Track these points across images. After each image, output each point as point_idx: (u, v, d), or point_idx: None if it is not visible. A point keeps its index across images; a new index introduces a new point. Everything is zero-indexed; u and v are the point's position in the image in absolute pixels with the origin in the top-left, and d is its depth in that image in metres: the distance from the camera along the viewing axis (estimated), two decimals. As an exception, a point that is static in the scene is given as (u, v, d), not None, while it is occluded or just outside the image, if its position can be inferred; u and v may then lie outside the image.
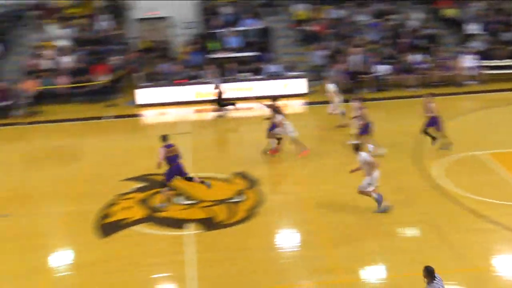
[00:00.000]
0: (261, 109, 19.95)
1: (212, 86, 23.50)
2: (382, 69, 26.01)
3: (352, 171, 14.47)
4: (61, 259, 13.53)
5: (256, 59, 26.70)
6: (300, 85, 25.53)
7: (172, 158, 15.07)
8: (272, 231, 14.11)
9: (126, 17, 29.70)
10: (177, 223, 14.48)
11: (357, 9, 29.49)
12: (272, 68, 25.93)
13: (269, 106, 18.97)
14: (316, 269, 12.01)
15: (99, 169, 17.80)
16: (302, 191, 16.12)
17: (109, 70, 25.60)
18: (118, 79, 25.86)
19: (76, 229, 14.66)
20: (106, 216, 15.02)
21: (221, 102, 23.56)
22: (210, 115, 23.54)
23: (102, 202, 15.63)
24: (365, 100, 19.38)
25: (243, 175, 17.00)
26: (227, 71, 25.63)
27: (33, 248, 13.75)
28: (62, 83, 25.01)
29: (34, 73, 25.29)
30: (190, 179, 15.53)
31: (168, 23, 29.88)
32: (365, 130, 18.02)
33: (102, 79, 25.18)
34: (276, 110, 18.69)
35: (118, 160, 18.35)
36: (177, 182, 16.53)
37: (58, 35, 27.41)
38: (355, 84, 25.15)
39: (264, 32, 28.03)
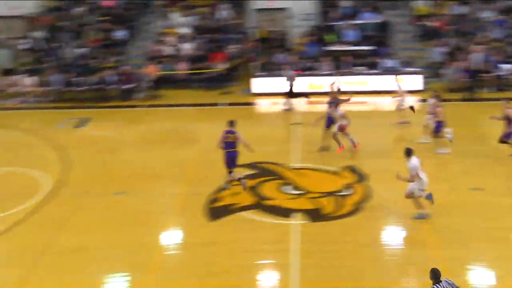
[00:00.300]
0: (374, 104, 19.62)
1: (288, 78, 23.27)
2: (505, 68, 24.80)
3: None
4: (171, 237, 13.99)
5: (373, 53, 26.25)
6: (416, 81, 24.84)
7: (227, 145, 15.22)
8: (378, 226, 13.85)
9: (245, 7, 30.07)
10: (284, 212, 14.53)
11: (482, 6, 28.22)
12: (389, 63, 25.39)
13: (331, 97, 18.63)
14: (422, 269, 11.68)
15: (212, 154, 18.11)
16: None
17: (226, 58, 26.04)
18: (235, 67, 26.26)
19: (186, 210, 15.08)
20: (215, 200, 15.33)
21: (291, 95, 23.37)
22: (321, 106, 23.43)
23: (213, 186, 15.95)
24: (443, 99, 18.62)
25: (352, 169, 16.80)
26: (343, 64, 25.37)
27: (145, 225, 14.30)
28: (182, 69, 25.73)
29: (156, 58, 26.17)
30: (230, 172, 15.48)
31: (286, 14, 29.97)
32: (439, 128, 17.55)
33: (219, 66, 25.67)
34: (336, 102, 18.28)
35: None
36: (286, 172, 16.64)
37: (181, 22, 28.19)
38: (474, 83, 24.15)
39: (383, 26, 27.49)
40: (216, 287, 11.79)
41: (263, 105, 21.99)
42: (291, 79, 23.23)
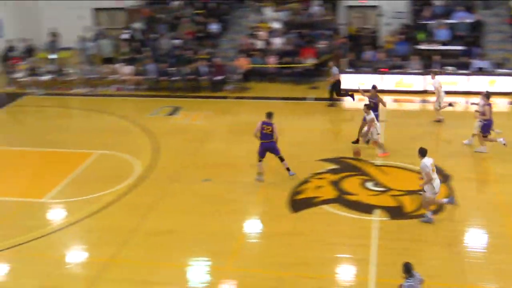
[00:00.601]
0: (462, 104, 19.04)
1: (335, 74, 22.91)
2: None
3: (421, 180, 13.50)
4: (252, 226, 14.16)
5: (464, 53, 25.41)
6: (509, 83, 23.86)
7: (263, 135, 15.57)
8: (459, 228, 13.48)
9: (337, 3, 29.83)
10: (365, 208, 14.40)
11: None
12: (480, 63, 24.51)
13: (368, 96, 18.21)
14: (502, 274, 11.29)
15: (297, 148, 18.18)
16: (498, 191, 15.16)
17: (315, 54, 25.95)
18: (323, 63, 26.11)
19: (269, 201, 15.21)
20: (298, 192, 15.37)
21: (338, 92, 23.05)
22: (409, 105, 22.98)
23: (296, 178, 15.98)
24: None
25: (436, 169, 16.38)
26: (432, 63, 24.71)
27: (229, 213, 14.53)
28: (271, 63, 25.86)
29: (247, 51, 26.42)
30: (260, 160, 15.96)
31: (377, 12, 29.52)
32: (486, 128, 17.13)
33: (308, 62, 25.61)
34: (374, 103, 17.97)
35: (315, 140, 18.62)
36: (369, 168, 16.47)
37: (273, 17, 28.31)
38: None
39: (475, 26, 26.54)
40: (295, 278, 11.83)
41: (349, 101, 21.71)
42: (336, 75, 22.96)
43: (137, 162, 17.85)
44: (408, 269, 9.35)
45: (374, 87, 18.70)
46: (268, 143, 15.77)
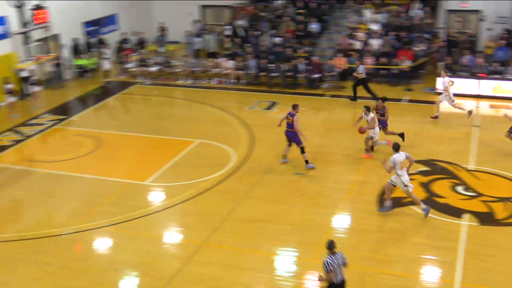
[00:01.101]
0: None
1: (360, 73, 22.70)
2: None
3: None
4: (340, 220, 14.09)
5: None
6: None
7: (287, 125, 16.42)
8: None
9: (438, 7, 28.93)
10: (454, 211, 13.98)
11: None
12: None
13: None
14: None
15: (389, 147, 17.85)
16: None
17: (412, 56, 25.31)
18: (420, 65, 25.42)
19: (358, 197, 15.07)
20: (387, 191, 15.11)
21: (369, 91, 22.85)
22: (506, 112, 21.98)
23: (387, 177, 15.71)
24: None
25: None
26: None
27: (318, 206, 14.52)
28: (368, 63, 25.48)
29: (344, 51, 26.16)
30: (288, 146, 16.81)
31: (478, 16, 28.40)
32: None
33: (404, 64, 25.02)
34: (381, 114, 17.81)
35: (408, 141, 18.18)
36: (461, 172, 15.98)
37: (372, 19, 27.86)
38: None
39: None
40: (379, 275, 11.69)
41: (445, 105, 21.07)
42: (360, 74, 22.71)
43: (233, 152, 18.14)
44: (330, 246, 9.59)
45: (383, 99, 18.26)
46: (288, 132, 16.51)
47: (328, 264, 9.48)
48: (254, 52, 26.59)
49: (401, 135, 18.16)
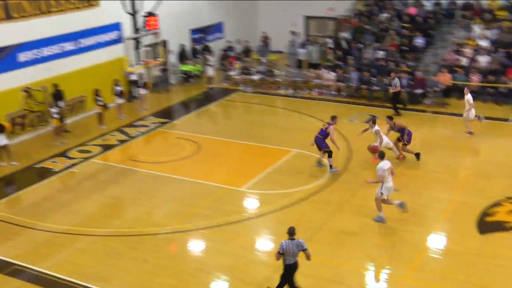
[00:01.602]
0: None
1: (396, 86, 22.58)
2: None
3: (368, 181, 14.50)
4: (436, 240, 13.63)
5: None
6: None
7: (319, 131, 17.38)
8: None
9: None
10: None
11: None
12: None
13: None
14: None
15: (493, 167, 17.15)
16: None
17: (523, 75, 24.12)
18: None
19: (456, 218, 14.53)
20: (489, 214, 14.49)
21: (395, 103, 22.75)
22: None
23: (488, 199, 15.07)
24: None
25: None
26: None
27: (413, 224, 14.14)
28: (474, 80, 24.55)
29: (450, 67, 25.35)
30: (322, 152, 17.56)
31: None
32: None
33: (514, 82, 23.90)
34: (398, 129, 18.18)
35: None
36: None
37: (481, 35, 26.83)
38: None
39: None
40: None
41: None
42: (396, 87, 22.59)
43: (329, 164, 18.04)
44: (291, 232, 10.66)
45: (389, 117, 18.49)
46: (317, 137, 17.30)
47: (281, 246, 10.67)
48: (356, 65, 26.33)
49: (417, 155, 18.06)
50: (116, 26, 24.90)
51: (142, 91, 24.79)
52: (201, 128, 22.37)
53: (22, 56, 21.14)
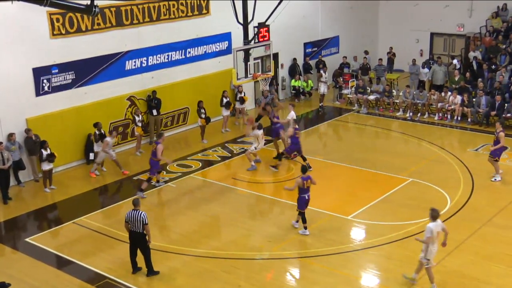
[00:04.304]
0: None
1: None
2: None
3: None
4: None
5: None
6: None
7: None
8: None
9: None
10: None
11: None
12: None
13: None
14: None
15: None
16: None
17: None
18: None
19: None
20: None
21: None
22: None
23: None
24: None
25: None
26: None
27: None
28: None
29: None
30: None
31: None
32: None
33: None
34: None
35: None
36: None
37: None
38: None
39: None
40: None
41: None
42: None
43: (448, 197, 17.43)
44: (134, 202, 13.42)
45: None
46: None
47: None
48: (486, 88, 25.37)
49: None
50: (226, 36, 25.59)
51: (238, 105, 25.35)
52: (309, 148, 22.29)
53: (129, 64, 22.21)
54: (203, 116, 22.94)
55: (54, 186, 19.13)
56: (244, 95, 25.58)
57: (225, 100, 24.20)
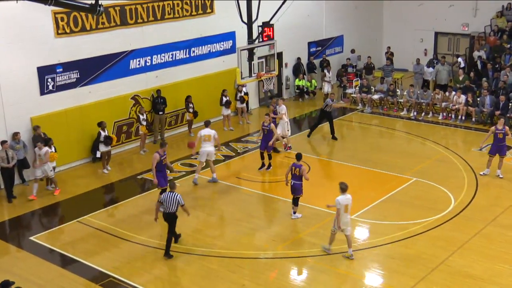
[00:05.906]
0: None
1: None
2: None
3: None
4: None
5: None
6: None
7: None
8: None
9: None
10: None
11: None
12: None
13: None
14: None
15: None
16: None
17: None
18: None
19: None
20: None
21: None
22: None
23: None
24: None
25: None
26: None
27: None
28: None
29: None
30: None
31: None
32: None
33: None
34: None
35: None
36: None
37: None
38: None
39: None
40: None
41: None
42: None
43: (451, 196, 17.44)
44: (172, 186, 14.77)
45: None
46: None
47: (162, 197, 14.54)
48: (491, 88, 25.34)
49: None
50: (230, 36, 25.62)
51: (239, 105, 25.39)
52: (312, 148, 22.40)
53: (134, 63, 22.26)
54: (191, 110, 23.44)
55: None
56: (245, 94, 25.60)
57: (224, 99, 24.25)
